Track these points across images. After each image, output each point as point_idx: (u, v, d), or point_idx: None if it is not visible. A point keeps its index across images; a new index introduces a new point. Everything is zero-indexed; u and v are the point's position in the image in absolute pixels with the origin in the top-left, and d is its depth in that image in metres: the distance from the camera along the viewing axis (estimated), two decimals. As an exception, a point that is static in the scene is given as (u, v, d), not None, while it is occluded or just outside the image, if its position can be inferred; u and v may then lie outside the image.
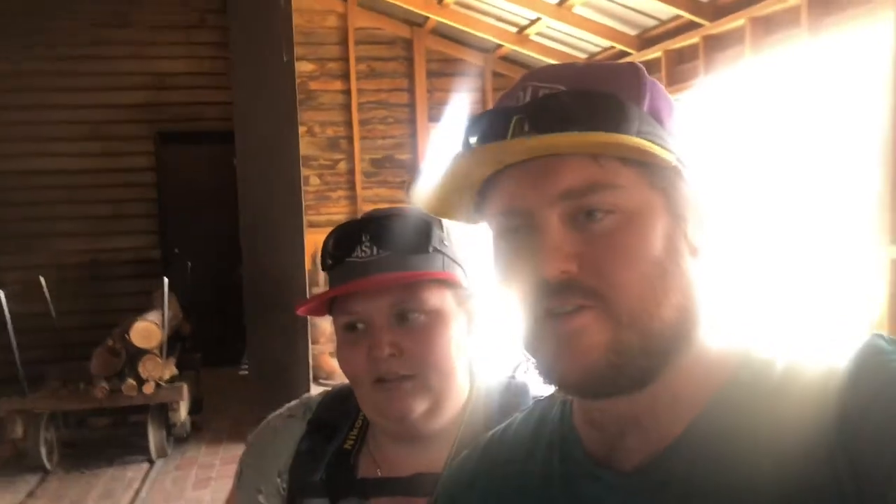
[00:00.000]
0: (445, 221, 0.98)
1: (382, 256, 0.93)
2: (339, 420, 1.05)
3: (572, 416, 0.68)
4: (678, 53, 5.58)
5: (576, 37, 6.47)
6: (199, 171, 7.25)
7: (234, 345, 6.64)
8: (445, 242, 0.97)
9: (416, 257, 0.94)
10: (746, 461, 0.54)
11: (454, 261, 0.98)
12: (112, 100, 6.99)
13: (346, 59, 7.55)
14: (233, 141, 5.16)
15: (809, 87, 4.16)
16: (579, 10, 5.91)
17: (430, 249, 0.95)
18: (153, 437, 4.76)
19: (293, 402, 1.12)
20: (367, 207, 7.48)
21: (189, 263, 5.90)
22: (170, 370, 4.84)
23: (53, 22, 6.79)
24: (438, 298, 0.94)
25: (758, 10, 4.37)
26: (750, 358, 0.60)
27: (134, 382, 4.60)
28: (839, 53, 3.88)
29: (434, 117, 7.67)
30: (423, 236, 0.96)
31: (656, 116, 0.59)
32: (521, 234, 0.59)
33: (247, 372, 5.07)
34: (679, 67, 5.53)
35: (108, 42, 6.95)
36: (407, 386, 0.92)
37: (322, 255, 1.00)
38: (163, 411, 4.80)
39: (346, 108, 7.56)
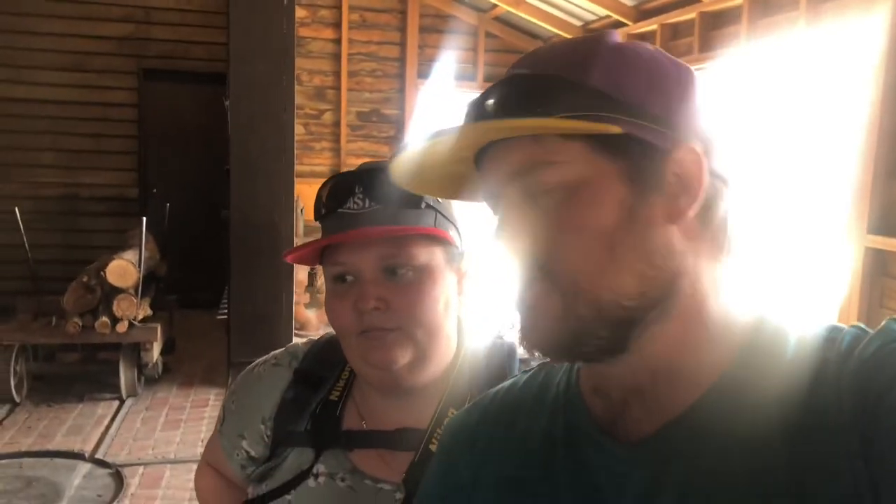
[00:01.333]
0: None
1: (374, 209, 0.93)
2: (325, 371, 1.05)
3: (578, 382, 0.68)
4: (673, 28, 5.56)
5: (573, 2, 6.41)
6: (183, 110, 7.13)
7: (211, 289, 6.62)
8: (439, 199, 0.97)
9: (407, 212, 0.94)
10: (757, 438, 0.54)
11: (447, 218, 0.98)
12: (97, 30, 6.81)
13: (338, 8, 7.41)
14: (219, 82, 5.06)
15: (802, 73, 4.18)
16: (579, -25, 5.86)
17: (423, 205, 0.95)
18: (124, 375, 4.76)
19: (279, 351, 1.12)
20: (351, 161, 7.43)
21: (168, 204, 5.83)
22: (144, 310, 4.82)
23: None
24: (427, 255, 0.94)
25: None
26: (763, 329, 0.60)
27: (107, 320, 4.59)
28: (835, 41, 3.90)
29: (423, 74, 7.59)
30: None
31: (610, 87, 0.59)
32: (497, 212, 0.64)
33: (225, 316, 5.05)
34: (673, 42, 5.51)
35: (94, -29, 6.75)
36: (391, 337, 0.92)
37: (316, 205, 1.00)
38: (135, 351, 4.80)
39: (336, 57, 7.46)
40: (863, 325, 0.57)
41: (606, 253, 0.57)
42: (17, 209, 5.18)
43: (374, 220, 0.93)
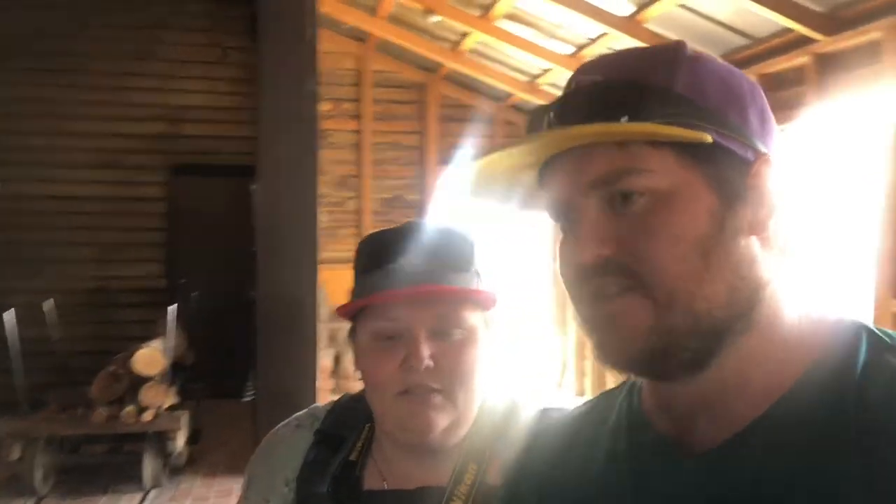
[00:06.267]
0: (481, 246, 1.01)
1: (430, 268, 0.94)
2: (346, 430, 1.05)
3: (642, 404, 0.66)
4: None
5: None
6: (211, 202, 7.33)
7: (237, 376, 6.63)
8: (483, 266, 1.00)
9: (460, 274, 0.96)
10: (829, 449, 0.52)
11: (489, 284, 1.00)
12: (129, 130, 7.12)
13: (360, 100, 7.70)
14: (247, 174, 5.21)
15: (815, 147, 4.22)
16: (591, 62, 6.03)
17: (472, 269, 0.97)
18: (149, 465, 4.73)
19: (301, 413, 1.13)
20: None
21: (195, 293, 5.93)
22: (170, 399, 4.83)
23: (77, 50, 6.96)
24: (474, 317, 0.96)
25: (766, 68, 4.44)
26: (835, 342, 0.59)
27: (134, 409, 4.60)
28: (847, 113, 3.95)
29: (443, 160, 7.78)
30: (468, 255, 0.98)
31: (695, 94, 0.58)
32: (569, 222, 0.62)
33: (252, 398, 5.05)
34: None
35: (130, 73, 7.10)
36: (436, 400, 0.93)
37: (358, 258, 1.00)
38: (160, 440, 4.78)
39: (358, 147, 7.68)
40: None
41: (702, 261, 0.56)
42: (45, 305, 5.28)
43: (432, 279, 0.93)
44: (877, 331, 0.58)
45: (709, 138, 0.56)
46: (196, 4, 7.29)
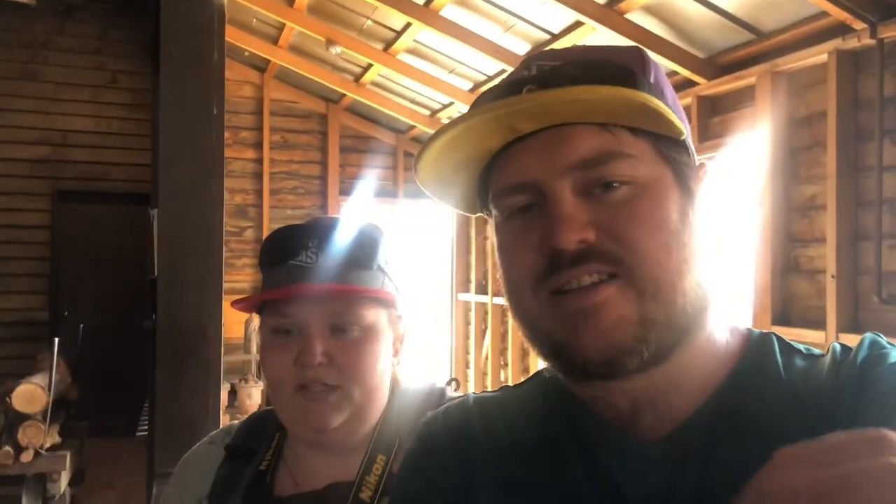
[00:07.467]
0: (387, 243, 1.00)
1: (328, 265, 0.94)
2: (256, 442, 1.04)
3: (572, 393, 0.64)
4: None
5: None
6: (99, 231, 7.01)
7: (125, 414, 6.29)
8: (388, 262, 1.00)
9: (360, 272, 0.95)
10: (771, 433, 0.54)
11: (392, 281, 1.00)
12: (10, 153, 6.72)
13: (259, 129, 7.60)
14: (136, 201, 5.00)
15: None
16: (490, 97, 6.22)
17: (374, 267, 0.97)
18: (27, 510, 4.41)
19: (215, 431, 1.12)
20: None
21: (81, 326, 5.62)
22: (52, 438, 4.54)
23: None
24: (374, 315, 0.95)
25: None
26: (752, 345, 0.62)
27: (10, 450, 4.29)
28: (725, 153, 4.25)
29: (345, 191, 7.77)
30: (370, 252, 0.97)
31: (662, 91, 0.58)
32: (532, 211, 0.57)
33: (145, 432, 4.81)
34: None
35: (10, 95, 6.74)
36: (331, 398, 0.92)
37: (262, 254, 1.00)
38: (40, 482, 4.47)
39: (258, 176, 7.56)
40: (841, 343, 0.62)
41: (681, 254, 0.55)
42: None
43: (326, 277, 0.93)
44: (783, 338, 0.64)
45: (684, 133, 0.57)
46: (83, 26, 7.02)
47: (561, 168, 0.55)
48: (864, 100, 3.39)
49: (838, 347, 0.61)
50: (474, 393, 0.73)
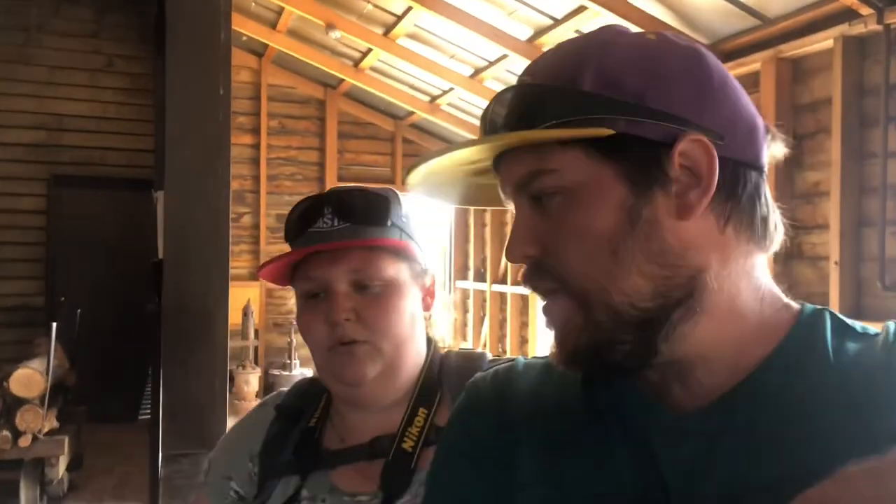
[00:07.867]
0: (403, 200, 1.05)
1: (343, 227, 0.99)
2: (305, 403, 1.09)
3: None
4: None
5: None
6: (96, 216, 6.96)
7: (124, 399, 6.27)
8: (403, 219, 1.04)
9: (374, 229, 1.00)
10: (813, 417, 0.55)
11: (410, 236, 1.04)
12: (5, 138, 6.67)
13: (257, 115, 7.56)
14: (134, 187, 4.96)
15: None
16: (490, 83, 6.20)
17: (389, 223, 1.01)
18: (25, 495, 4.39)
19: (267, 396, 1.17)
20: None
21: (79, 311, 5.59)
22: (50, 423, 4.52)
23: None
24: (395, 270, 1.00)
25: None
26: (805, 315, 0.61)
27: (8, 434, 4.27)
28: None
29: (343, 177, 7.74)
30: (383, 210, 1.02)
31: (606, 86, 0.58)
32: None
33: (148, 416, 4.80)
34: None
35: (5, 79, 6.67)
36: (360, 350, 0.97)
37: (286, 228, 1.05)
38: (38, 467, 4.46)
39: (255, 162, 7.53)
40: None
41: (610, 257, 0.56)
42: None
43: (343, 237, 0.99)
44: (838, 315, 0.62)
45: (606, 131, 0.56)
46: (79, 9, 6.94)
47: (512, 188, 0.62)
48: (870, 86, 3.38)
49: (892, 327, 0.60)
50: (524, 357, 0.75)
